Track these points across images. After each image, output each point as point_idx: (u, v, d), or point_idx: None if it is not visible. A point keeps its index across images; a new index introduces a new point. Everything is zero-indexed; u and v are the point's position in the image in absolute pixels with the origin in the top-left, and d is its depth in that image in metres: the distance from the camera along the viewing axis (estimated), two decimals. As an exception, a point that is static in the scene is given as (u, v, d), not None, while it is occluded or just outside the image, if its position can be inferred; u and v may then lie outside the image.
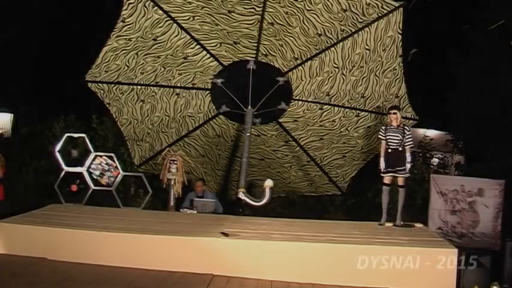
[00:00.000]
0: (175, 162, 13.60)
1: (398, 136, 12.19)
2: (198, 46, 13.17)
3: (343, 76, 13.35)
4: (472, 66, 17.12)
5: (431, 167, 17.34)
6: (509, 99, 15.87)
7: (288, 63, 13.40)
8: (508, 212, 14.17)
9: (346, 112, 13.95)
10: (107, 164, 13.30)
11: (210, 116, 14.32)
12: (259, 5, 12.28)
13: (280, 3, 12.24)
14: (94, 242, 10.28)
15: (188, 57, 13.33)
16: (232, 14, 12.49)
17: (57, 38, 19.06)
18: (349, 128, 14.11)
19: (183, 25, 12.77)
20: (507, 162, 15.61)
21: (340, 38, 12.84)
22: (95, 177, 13.31)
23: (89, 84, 13.43)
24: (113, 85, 13.55)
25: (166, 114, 14.13)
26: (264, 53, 13.25)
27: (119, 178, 13.31)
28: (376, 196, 13.84)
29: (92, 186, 13.19)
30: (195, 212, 13.38)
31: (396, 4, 12.33)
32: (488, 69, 16.57)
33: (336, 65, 13.20)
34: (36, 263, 9.86)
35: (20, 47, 19.05)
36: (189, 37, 12.99)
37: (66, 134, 13.51)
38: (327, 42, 12.92)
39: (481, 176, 14.70)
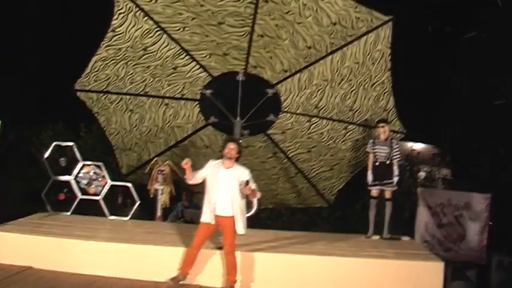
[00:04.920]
0: (163, 172, 13.59)
1: (386, 149, 12.26)
2: (187, 57, 13.20)
3: (332, 89, 13.40)
4: (460, 80, 17.22)
5: (419, 180, 17.40)
6: (497, 114, 15.96)
7: (277, 75, 13.44)
8: (494, 226, 14.24)
9: (334, 125, 13.97)
10: (94, 173, 13.26)
11: (199, 127, 14.31)
12: (250, 17, 12.33)
13: (270, 15, 12.29)
14: (81, 251, 10.25)
15: (178, 68, 13.34)
16: (223, 25, 12.53)
17: (47, 45, 19.00)
18: (337, 141, 14.14)
19: (173, 36, 12.79)
20: (494, 176, 15.68)
21: (329, 51, 12.90)
22: (83, 186, 13.26)
23: (78, 93, 13.40)
24: (102, 94, 13.54)
25: (154, 124, 14.12)
26: (254, 64, 13.29)
27: (107, 187, 13.26)
28: (363, 209, 13.88)
29: (80, 195, 13.15)
30: (182, 222, 13.38)
31: (386, 18, 12.42)
32: (477, 84, 16.68)
33: (324, 78, 13.25)
34: (22, 272, 9.80)
35: (8, 53, 18.98)
36: (179, 48, 13.01)
37: (54, 143, 13.46)
38: (316, 55, 12.98)
39: (468, 190, 14.76)
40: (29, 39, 18.48)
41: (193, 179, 9.87)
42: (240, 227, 9.75)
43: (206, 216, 9.74)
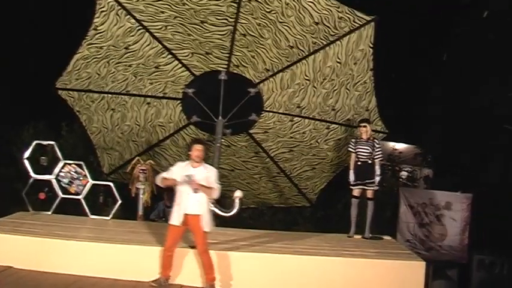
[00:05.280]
0: (144, 171, 13.54)
1: (368, 149, 12.31)
2: (169, 56, 13.13)
3: (314, 88, 13.40)
4: (442, 81, 17.31)
5: (400, 180, 17.48)
6: (478, 115, 16.06)
7: (260, 74, 13.42)
8: (475, 225, 14.33)
9: (316, 124, 13.97)
10: (76, 172, 13.20)
11: (181, 126, 14.25)
12: (232, 16, 12.29)
13: (253, 14, 12.27)
14: (62, 251, 10.20)
15: (160, 67, 13.29)
16: (205, 24, 12.49)
17: (27, 44, 18.88)
18: (319, 140, 14.14)
19: (155, 34, 12.73)
20: (475, 176, 15.78)
21: (311, 51, 12.89)
22: (64, 185, 13.19)
23: (59, 92, 13.29)
24: (83, 93, 13.44)
25: (136, 123, 14.06)
26: (236, 64, 13.26)
27: (88, 186, 13.20)
28: (345, 208, 13.89)
29: (61, 195, 13.08)
30: (164, 221, 13.34)
31: (368, 18, 12.43)
32: (459, 84, 16.77)
33: (307, 77, 13.24)
34: (2, 272, 9.73)
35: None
36: (161, 46, 12.95)
37: (35, 142, 13.37)
38: (299, 55, 12.96)
39: (449, 189, 14.85)
40: (9, 37, 18.33)
41: (164, 181, 10.01)
42: (207, 225, 9.82)
43: (174, 219, 9.83)
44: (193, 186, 9.66)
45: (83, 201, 13.14)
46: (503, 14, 16.28)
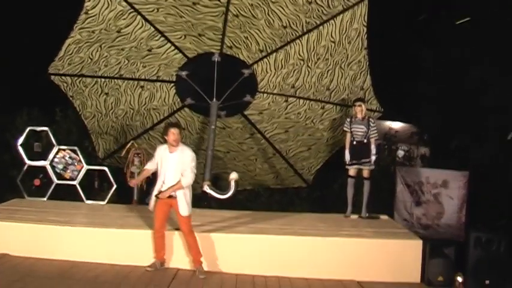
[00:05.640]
0: (139, 155, 13.50)
1: (363, 128, 12.28)
2: (162, 38, 13.01)
3: (309, 68, 13.32)
4: (436, 57, 17.24)
5: (397, 159, 17.45)
6: (475, 91, 16.00)
7: (253, 55, 13.32)
8: (472, 203, 14.32)
9: (311, 104, 13.90)
10: (70, 157, 13.16)
11: (175, 109, 14.17)
12: (225, -3, 12.22)
13: (245, -5, 12.19)
14: (57, 237, 10.21)
15: (152, 50, 13.18)
16: (197, 5, 12.36)
17: (19, 30, 18.77)
18: (314, 121, 14.08)
19: (147, 17, 12.59)
20: (471, 154, 15.75)
21: (305, 30, 12.77)
22: (58, 171, 13.17)
23: (52, 77, 13.21)
24: (76, 78, 13.34)
25: (130, 107, 13.98)
26: (229, 45, 13.16)
27: (83, 172, 13.18)
28: (341, 188, 13.86)
29: (55, 180, 13.06)
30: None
31: (361, -4, 12.35)
32: (453, 60, 16.70)
33: (301, 57, 13.16)
34: (-3, 259, 9.73)
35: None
36: (153, 29, 12.81)
37: (29, 128, 13.31)
38: (292, 35, 12.86)
39: (446, 167, 14.83)
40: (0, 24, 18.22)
41: (151, 169, 10.41)
42: (183, 209, 9.90)
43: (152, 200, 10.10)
44: (164, 197, 9.95)
45: (78, 187, 13.11)
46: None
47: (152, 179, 13.66)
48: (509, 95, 14.86)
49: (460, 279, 10.02)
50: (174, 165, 9.89)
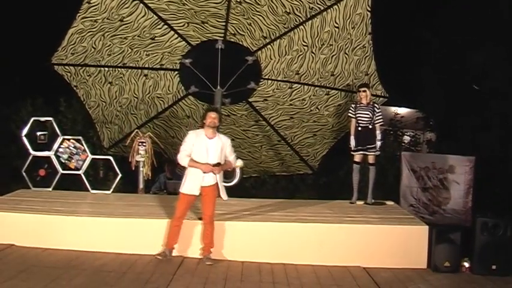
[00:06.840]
0: (144, 144, 13.45)
1: (368, 114, 12.20)
2: (165, 26, 12.99)
3: (313, 54, 13.27)
4: (441, 43, 17.16)
5: (403, 144, 17.42)
6: (479, 76, 15.95)
7: (257, 42, 13.28)
8: (478, 188, 14.28)
9: (316, 90, 13.87)
10: (74, 147, 13.12)
11: (179, 97, 14.17)
12: (227, -16, 12.17)
13: (248, -19, 12.14)
14: (63, 227, 10.17)
15: (156, 38, 13.15)
16: (200, -7, 12.36)
17: (22, 19, 18.75)
18: (319, 107, 14.05)
19: (149, 5, 12.56)
20: (477, 139, 15.70)
21: (308, 16, 12.73)
22: (63, 161, 13.13)
23: (56, 67, 13.21)
24: (79, 67, 13.34)
25: (134, 95, 13.96)
26: (233, 32, 13.12)
27: (88, 161, 13.13)
28: (347, 175, 13.84)
29: (60, 170, 13.02)
30: (166, 193, 13.31)
31: (365, -19, 12.29)
32: (458, 46, 16.63)
33: (305, 44, 13.11)
34: (4, 250, 9.69)
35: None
36: (156, 17, 12.79)
37: (33, 118, 13.29)
38: (296, 21, 12.81)
39: (452, 153, 14.79)
40: (3, 15, 18.18)
41: (191, 163, 9.78)
42: (224, 193, 9.87)
43: (189, 188, 9.72)
44: (217, 172, 9.74)
45: (83, 176, 13.09)
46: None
47: (157, 167, 13.76)
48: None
49: (466, 264, 10.00)
50: (216, 151, 9.72)
